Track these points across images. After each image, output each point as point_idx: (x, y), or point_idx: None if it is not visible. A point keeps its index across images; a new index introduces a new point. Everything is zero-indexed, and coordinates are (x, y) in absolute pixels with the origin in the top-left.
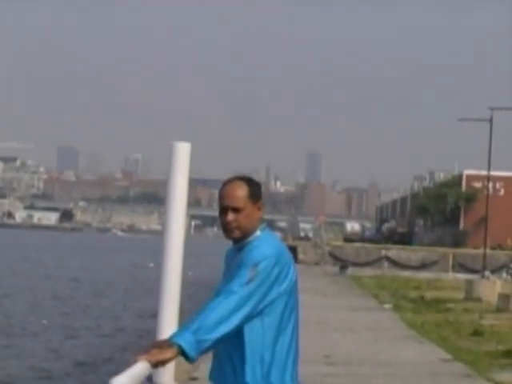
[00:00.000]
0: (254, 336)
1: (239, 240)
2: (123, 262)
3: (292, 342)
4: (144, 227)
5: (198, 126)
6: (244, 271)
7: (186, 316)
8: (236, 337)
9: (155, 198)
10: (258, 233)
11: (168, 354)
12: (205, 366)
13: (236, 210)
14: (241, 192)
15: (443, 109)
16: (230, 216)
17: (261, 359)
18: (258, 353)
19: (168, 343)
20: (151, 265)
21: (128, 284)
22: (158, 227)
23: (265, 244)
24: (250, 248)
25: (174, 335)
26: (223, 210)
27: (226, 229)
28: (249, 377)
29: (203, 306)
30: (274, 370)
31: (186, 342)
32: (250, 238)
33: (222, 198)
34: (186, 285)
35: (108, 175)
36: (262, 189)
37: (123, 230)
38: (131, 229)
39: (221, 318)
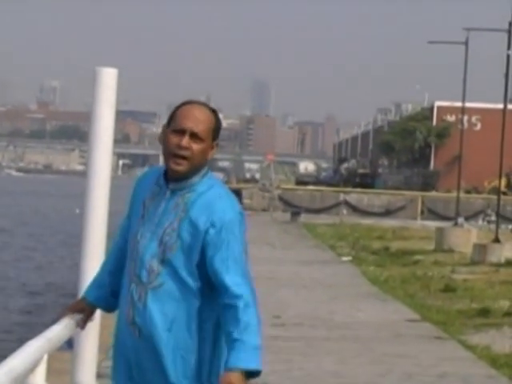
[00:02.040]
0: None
1: (180, 177)
2: (45, 207)
3: None
4: (63, 167)
5: (125, 50)
6: (235, 256)
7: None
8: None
9: (76, 132)
10: (197, 178)
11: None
12: None
13: (195, 138)
14: (207, 120)
15: (412, 31)
16: (187, 141)
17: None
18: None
19: None
20: (77, 211)
21: (52, 234)
22: (80, 167)
23: (228, 201)
24: (212, 205)
25: (246, 361)
26: (179, 132)
27: (176, 155)
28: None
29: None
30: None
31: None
32: (194, 180)
33: (183, 117)
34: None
35: (20, 106)
36: None
37: (18, 170)
38: (48, 169)
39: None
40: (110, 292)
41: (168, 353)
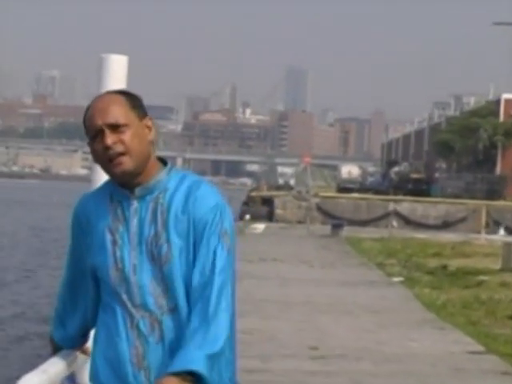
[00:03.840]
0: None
1: (132, 179)
2: (44, 220)
3: None
4: (64, 171)
5: (137, 36)
6: (215, 248)
7: None
8: None
9: (78, 131)
10: (163, 174)
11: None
12: None
13: (116, 129)
14: (115, 103)
15: (474, 11)
16: (111, 137)
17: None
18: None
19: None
20: None
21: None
22: (83, 171)
23: (208, 187)
24: (191, 194)
25: (188, 362)
26: (97, 136)
27: (110, 158)
28: None
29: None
30: None
31: (205, 366)
32: (161, 177)
33: (90, 119)
34: None
35: (13, 100)
36: (227, 118)
37: (11, 175)
38: (46, 173)
39: (225, 323)
40: (79, 330)
41: None
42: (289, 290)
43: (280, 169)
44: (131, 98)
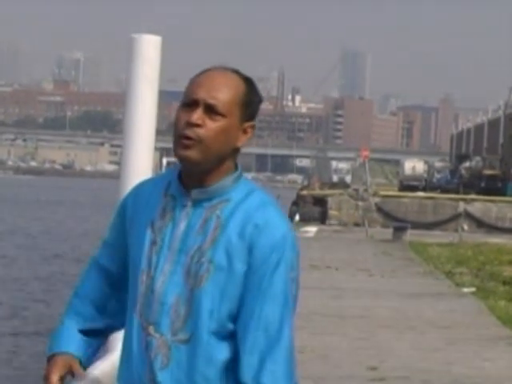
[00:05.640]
0: None
1: (195, 175)
2: (70, 222)
3: None
4: (88, 167)
5: (172, 14)
6: (280, 286)
7: None
8: None
9: (106, 121)
10: (228, 182)
11: None
12: None
13: (211, 113)
14: (231, 88)
15: None
16: (199, 116)
17: None
18: None
19: None
20: None
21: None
22: (111, 167)
23: (276, 212)
24: (254, 216)
25: None
26: (190, 106)
27: (182, 135)
28: None
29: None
30: None
31: None
32: (225, 184)
33: (196, 85)
34: None
35: (32, 86)
36: (274, 107)
37: (28, 171)
38: (69, 169)
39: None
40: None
41: None
42: (344, 301)
43: (334, 164)
44: (252, 95)
